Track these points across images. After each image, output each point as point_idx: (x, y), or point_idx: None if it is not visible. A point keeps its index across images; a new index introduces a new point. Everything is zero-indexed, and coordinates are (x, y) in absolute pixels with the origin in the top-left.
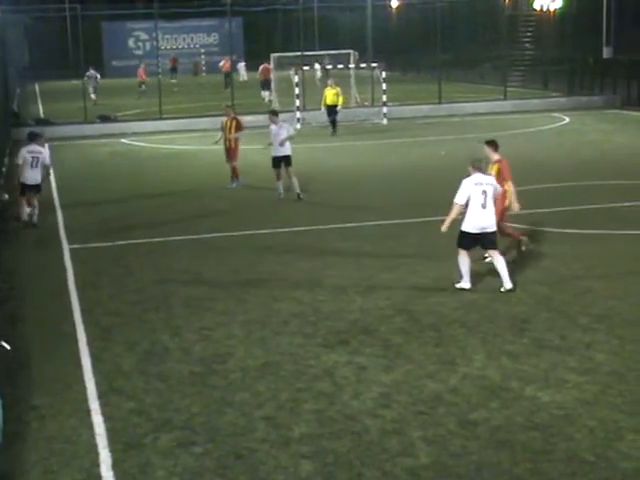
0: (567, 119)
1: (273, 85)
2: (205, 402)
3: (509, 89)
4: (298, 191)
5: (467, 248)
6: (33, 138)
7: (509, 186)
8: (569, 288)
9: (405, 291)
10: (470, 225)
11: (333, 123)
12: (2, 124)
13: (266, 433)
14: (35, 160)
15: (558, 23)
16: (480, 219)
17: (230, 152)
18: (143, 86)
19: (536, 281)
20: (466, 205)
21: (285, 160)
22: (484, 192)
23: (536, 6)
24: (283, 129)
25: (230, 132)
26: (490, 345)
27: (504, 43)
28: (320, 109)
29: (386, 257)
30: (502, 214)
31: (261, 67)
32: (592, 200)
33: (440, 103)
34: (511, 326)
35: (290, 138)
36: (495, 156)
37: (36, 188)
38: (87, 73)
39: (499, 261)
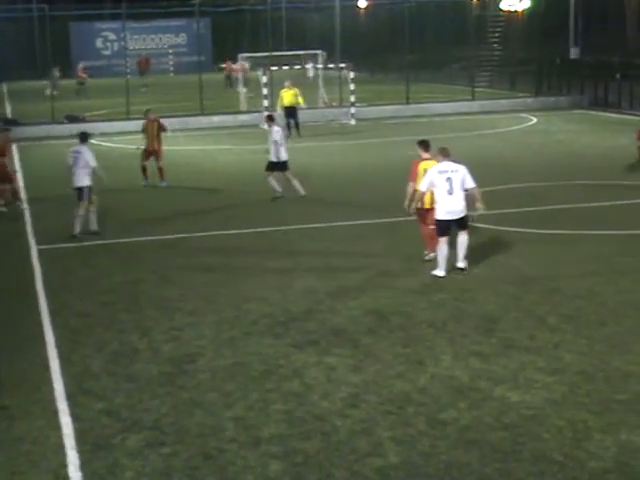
0: (534, 119)
1: (240, 86)
2: (174, 402)
3: (477, 90)
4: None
5: (445, 234)
6: (83, 139)
7: (410, 186)
8: (537, 288)
9: (374, 291)
10: (442, 212)
11: (296, 125)
12: None
13: (235, 433)
14: (75, 159)
15: (526, 24)
16: (449, 205)
17: (154, 153)
18: (83, 85)
19: (504, 281)
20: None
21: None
22: (449, 179)
23: (503, 7)
24: (271, 134)
25: (153, 133)
26: (458, 345)
27: (472, 44)
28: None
29: (355, 258)
30: (420, 215)
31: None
32: (559, 200)
33: (408, 104)
34: (479, 326)
35: (272, 143)
36: (423, 155)
37: (83, 192)
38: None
39: (462, 239)
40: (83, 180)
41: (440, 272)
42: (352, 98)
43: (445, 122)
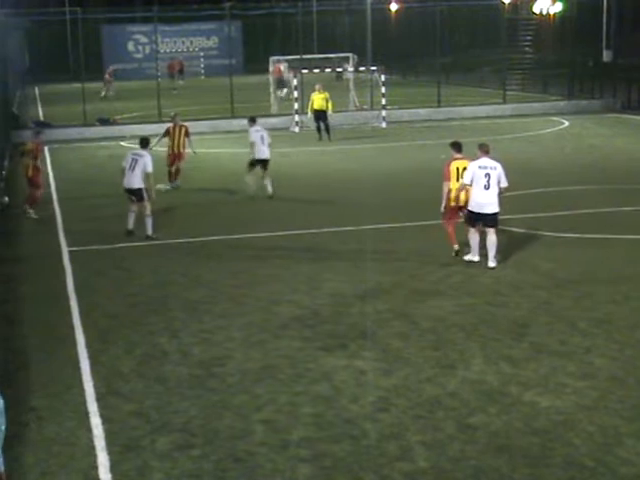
0: (567, 123)
1: (272, 89)
2: (204, 405)
3: (508, 93)
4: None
5: (471, 225)
6: (144, 144)
7: (445, 185)
8: (568, 292)
9: (404, 295)
10: (474, 204)
11: (326, 129)
12: (2, 127)
13: (264, 436)
14: (134, 162)
15: (558, 27)
16: (481, 198)
17: (178, 156)
18: (109, 87)
19: (535, 285)
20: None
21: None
22: (487, 175)
23: (536, 10)
24: (249, 135)
25: (179, 138)
26: (489, 349)
27: (503, 47)
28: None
29: (384, 261)
30: (449, 212)
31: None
32: (591, 204)
33: (439, 107)
34: (510, 330)
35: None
36: (455, 155)
37: (135, 194)
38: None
39: (491, 240)
40: (136, 182)
41: (474, 257)
42: (383, 101)
43: (477, 125)
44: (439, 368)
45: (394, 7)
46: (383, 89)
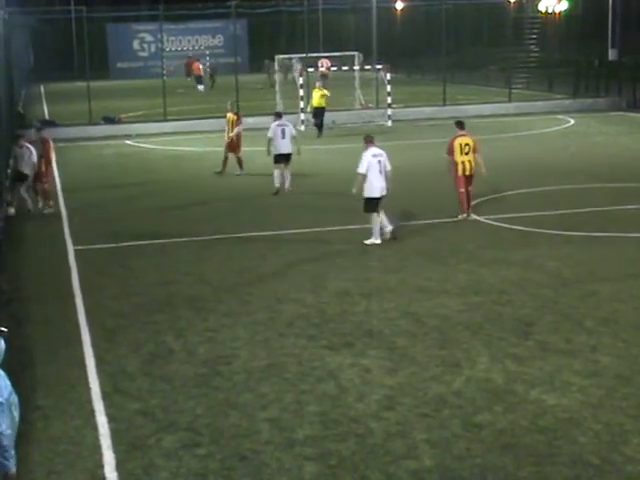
0: (572, 121)
1: (277, 87)
2: (209, 404)
3: (513, 91)
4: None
5: (375, 210)
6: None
7: (449, 158)
8: (574, 291)
9: (409, 293)
10: (373, 190)
11: (320, 125)
12: (8, 125)
13: (270, 435)
14: None
15: (563, 25)
16: (379, 182)
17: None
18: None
19: (540, 284)
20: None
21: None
22: (379, 161)
23: (541, 8)
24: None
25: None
26: (494, 348)
27: (509, 45)
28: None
29: (390, 259)
30: (457, 180)
31: (193, 65)
32: (597, 203)
33: (444, 105)
34: (515, 329)
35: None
36: (459, 132)
37: None
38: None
39: (384, 218)
40: None
41: (377, 240)
42: (389, 99)
43: (482, 124)
44: (445, 367)
45: (400, 6)
46: (388, 87)
